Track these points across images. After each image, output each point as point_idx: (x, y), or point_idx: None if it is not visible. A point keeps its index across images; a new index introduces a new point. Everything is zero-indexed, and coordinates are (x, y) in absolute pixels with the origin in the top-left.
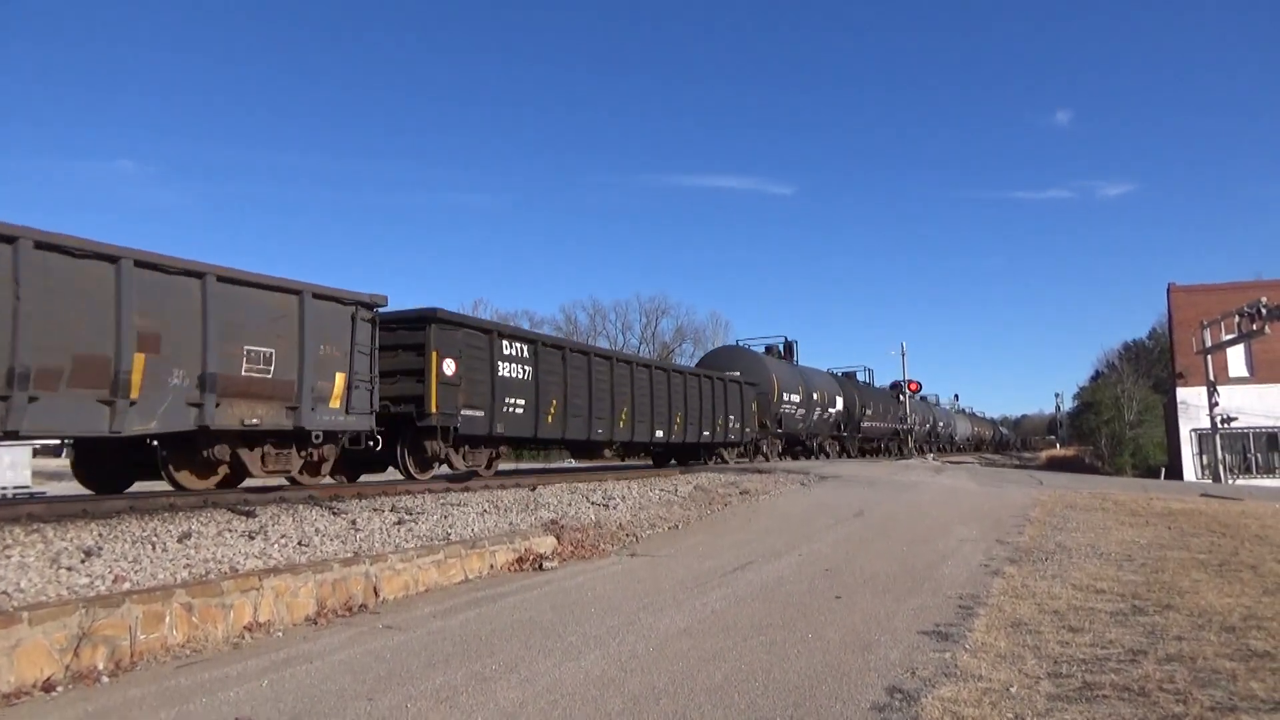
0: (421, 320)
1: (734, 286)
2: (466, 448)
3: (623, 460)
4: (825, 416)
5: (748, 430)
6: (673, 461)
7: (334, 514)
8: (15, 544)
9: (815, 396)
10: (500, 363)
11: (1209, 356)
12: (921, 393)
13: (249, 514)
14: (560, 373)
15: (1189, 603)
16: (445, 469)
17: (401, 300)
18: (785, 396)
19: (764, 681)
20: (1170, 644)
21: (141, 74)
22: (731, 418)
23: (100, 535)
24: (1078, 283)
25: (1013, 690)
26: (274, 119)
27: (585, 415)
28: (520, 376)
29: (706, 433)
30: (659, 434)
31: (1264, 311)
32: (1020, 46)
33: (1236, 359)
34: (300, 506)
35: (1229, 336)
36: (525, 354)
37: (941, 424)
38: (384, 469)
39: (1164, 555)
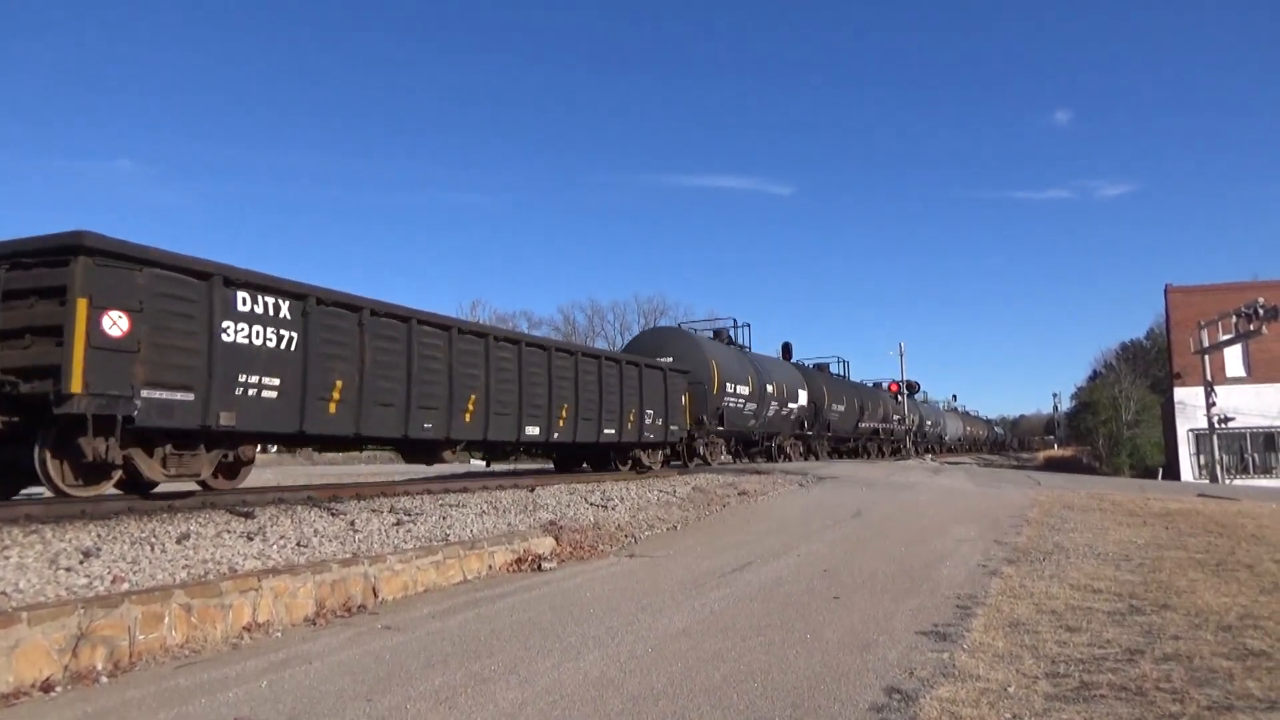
0: (65, 251)
1: (733, 287)
2: (169, 448)
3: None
4: (785, 413)
5: (674, 428)
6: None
7: (332, 515)
8: (14, 544)
9: (770, 389)
10: (228, 323)
11: (1206, 357)
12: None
13: (248, 515)
14: (355, 344)
15: (1186, 602)
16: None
17: (401, 300)
18: (730, 388)
19: (763, 682)
20: (1167, 643)
21: (142, 74)
22: (650, 412)
23: (99, 536)
24: (1076, 283)
25: (1010, 690)
26: (273, 119)
27: (402, 404)
28: (273, 346)
29: (610, 430)
30: (531, 430)
31: (1261, 312)
32: (1020, 47)
33: (1234, 359)
34: (299, 507)
35: (1226, 337)
36: (284, 314)
37: (930, 423)
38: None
39: (1161, 555)
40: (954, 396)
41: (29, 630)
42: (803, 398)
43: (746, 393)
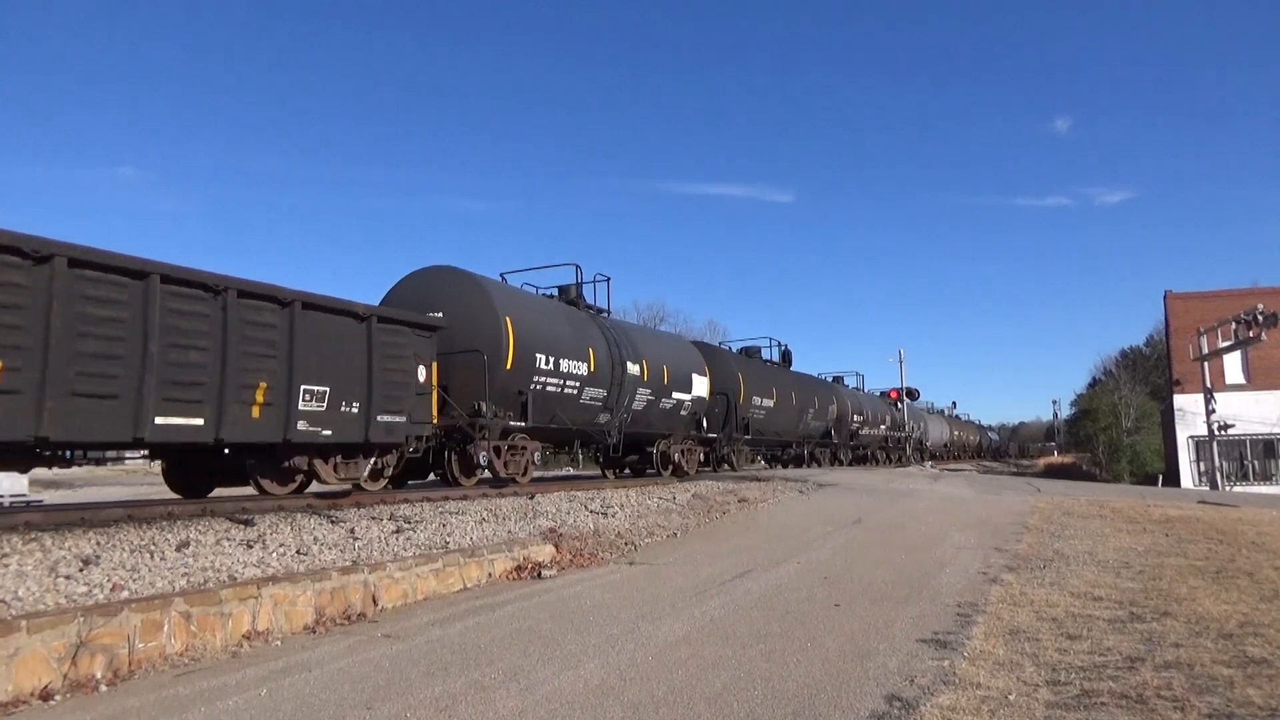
0: None
1: (732, 293)
2: None
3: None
4: (666, 405)
5: (392, 419)
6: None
7: (332, 522)
8: (13, 552)
9: (635, 372)
10: None
11: (1206, 363)
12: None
13: (247, 522)
14: None
15: (1186, 610)
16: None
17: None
18: (540, 362)
19: (763, 690)
20: (1168, 651)
21: (144, 81)
22: (349, 402)
23: (98, 544)
24: (1075, 289)
25: (1011, 698)
26: (274, 126)
27: None
28: None
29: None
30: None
31: (1260, 318)
32: (1019, 55)
33: (1233, 366)
34: (298, 515)
35: (1226, 343)
36: None
37: (910, 425)
38: None
39: (1161, 562)
40: (954, 404)
41: (28, 638)
42: (702, 387)
43: (582, 371)
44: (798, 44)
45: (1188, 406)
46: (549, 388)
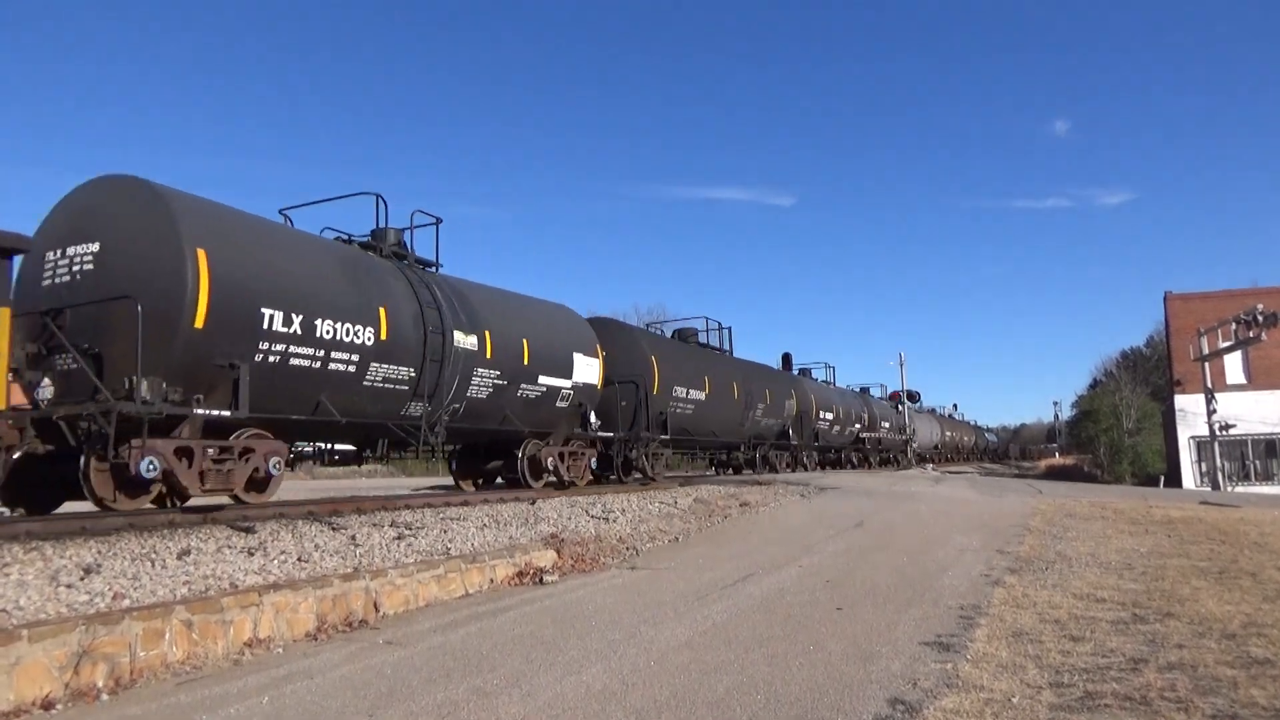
0: None
1: (733, 297)
2: None
3: None
4: (530, 394)
5: None
6: None
7: (333, 529)
8: (14, 562)
9: (470, 345)
10: None
11: (1206, 364)
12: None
13: (248, 530)
14: None
15: (1189, 610)
16: None
17: None
18: (269, 320)
19: (766, 694)
20: (1171, 652)
21: (144, 86)
22: None
23: (99, 552)
24: (1076, 291)
25: (1015, 700)
26: (275, 132)
27: None
28: None
29: None
30: None
31: (1260, 318)
32: (1018, 57)
33: (1234, 366)
34: (299, 522)
35: (1226, 344)
36: None
37: (885, 425)
38: None
39: (1164, 563)
40: (955, 405)
41: (30, 648)
42: (583, 374)
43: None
44: (798, 46)
45: (1189, 407)
46: (292, 360)
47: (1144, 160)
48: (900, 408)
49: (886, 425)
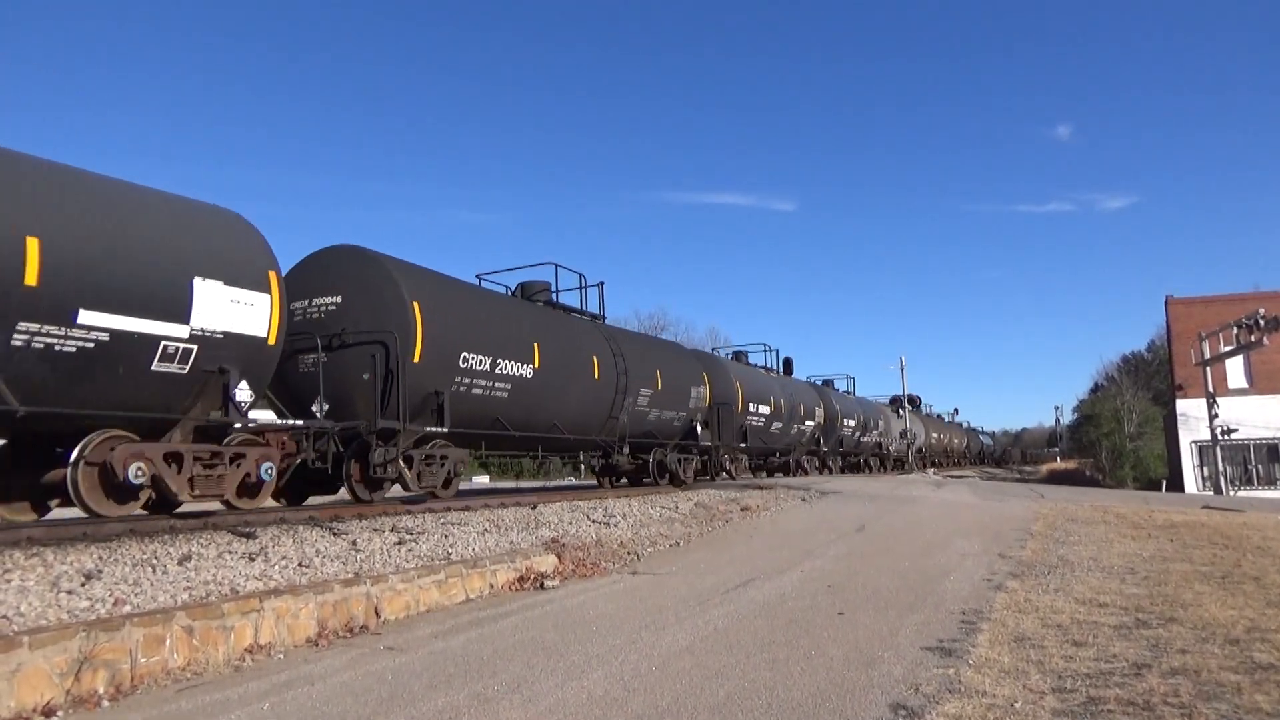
0: None
1: (734, 302)
2: None
3: None
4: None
5: None
6: None
7: (334, 535)
8: (15, 568)
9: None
10: None
11: (1208, 368)
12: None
13: (249, 536)
14: None
15: (1192, 615)
16: None
17: None
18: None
19: (767, 699)
20: (1174, 657)
21: (144, 87)
22: None
23: (100, 558)
24: (1077, 295)
25: (1017, 706)
26: (274, 136)
27: None
28: None
29: None
30: None
31: (1262, 323)
32: (1021, 61)
33: (1235, 371)
34: (300, 527)
35: (1228, 348)
36: None
37: (848, 423)
38: None
39: (1166, 568)
40: (955, 410)
41: (30, 654)
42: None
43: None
44: (799, 51)
45: (1190, 411)
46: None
47: (1146, 164)
48: (901, 412)
49: (878, 430)
